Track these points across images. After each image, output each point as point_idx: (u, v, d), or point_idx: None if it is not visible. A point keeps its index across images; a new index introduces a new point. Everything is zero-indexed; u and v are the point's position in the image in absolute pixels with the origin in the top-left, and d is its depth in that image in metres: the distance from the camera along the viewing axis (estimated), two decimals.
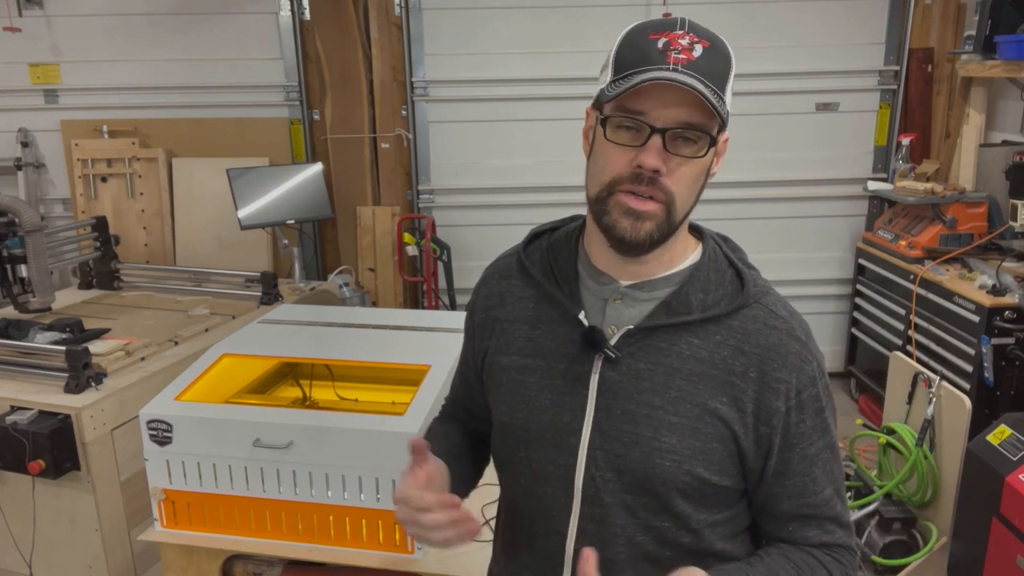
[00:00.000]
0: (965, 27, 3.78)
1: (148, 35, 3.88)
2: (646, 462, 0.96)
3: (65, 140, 3.91)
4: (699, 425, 0.96)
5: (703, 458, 0.96)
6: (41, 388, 2.26)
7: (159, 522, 1.81)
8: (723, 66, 0.92)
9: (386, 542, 1.71)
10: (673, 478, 0.96)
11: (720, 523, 1.01)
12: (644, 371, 0.98)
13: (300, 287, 3.45)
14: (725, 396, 0.96)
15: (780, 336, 0.97)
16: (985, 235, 3.29)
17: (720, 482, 0.97)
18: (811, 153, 4.03)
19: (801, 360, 0.97)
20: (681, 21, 0.93)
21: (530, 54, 3.91)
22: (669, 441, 0.96)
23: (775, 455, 0.98)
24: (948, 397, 2.40)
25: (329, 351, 2.11)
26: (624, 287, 1.01)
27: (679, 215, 0.95)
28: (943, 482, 2.42)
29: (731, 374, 0.96)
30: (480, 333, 1.14)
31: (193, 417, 1.75)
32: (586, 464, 0.99)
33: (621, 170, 0.93)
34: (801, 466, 0.98)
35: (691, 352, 0.97)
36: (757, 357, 0.96)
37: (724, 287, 1.00)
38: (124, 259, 3.44)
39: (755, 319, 0.98)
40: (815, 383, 0.98)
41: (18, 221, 2.71)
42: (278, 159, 3.90)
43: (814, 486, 0.99)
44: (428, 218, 3.86)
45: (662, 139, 0.90)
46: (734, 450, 0.97)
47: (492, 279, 1.16)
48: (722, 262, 1.03)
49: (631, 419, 0.97)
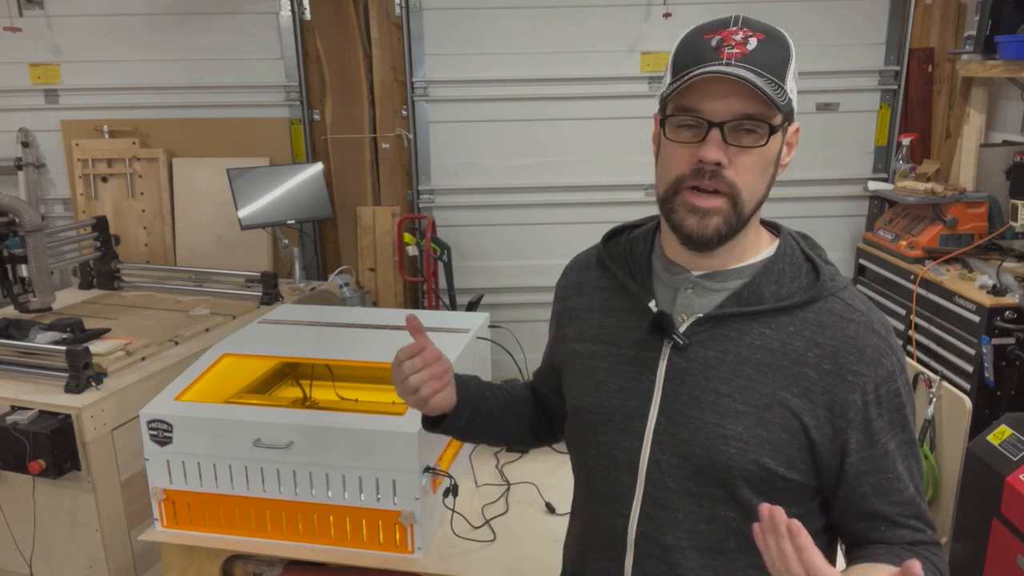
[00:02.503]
0: (965, 27, 3.77)
1: (148, 35, 3.88)
2: (711, 448, 0.97)
3: (65, 140, 3.91)
4: (766, 415, 0.96)
5: (770, 448, 0.96)
6: (41, 388, 2.26)
7: (159, 522, 1.81)
8: (781, 56, 0.94)
9: (386, 542, 1.71)
10: (737, 465, 0.96)
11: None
12: (712, 359, 0.99)
13: (300, 287, 3.45)
14: (796, 387, 0.96)
15: (857, 329, 0.97)
16: (985, 235, 3.28)
17: (789, 475, 0.97)
18: (811, 153, 4.02)
19: (879, 354, 0.96)
20: (735, 18, 0.95)
21: (531, 54, 3.91)
22: (735, 429, 0.96)
23: (854, 452, 0.97)
24: (948, 397, 2.40)
25: (329, 351, 2.11)
26: (695, 276, 1.03)
27: (747, 207, 0.96)
28: (943, 482, 2.42)
29: (803, 365, 0.96)
30: (558, 321, 1.20)
31: (193, 417, 1.75)
32: (651, 448, 1.01)
33: (684, 168, 0.95)
34: (884, 463, 0.98)
35: (762, 342, 0.97)
36: (832, 349, 0.96)
37: (799, 280, 1.00)
38: (124, 259, 3.44)
39: (831, 311, 0.98)
40: (895, 378, 0.97)
41: (19, 221, 2.71)
42: (278, 159, 3.90)
43: (899, 483, 0.99)
44: (428, 218, 3.86)
45: (721, 132, 0.92)
46: (804, 443, 0.96)
47: (572, 271, 1.21)
48: (798, 256, 1.03)
49: (697, 405, 0.98)
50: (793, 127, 0.99)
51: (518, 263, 4.13)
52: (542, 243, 4.09)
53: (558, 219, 4.05)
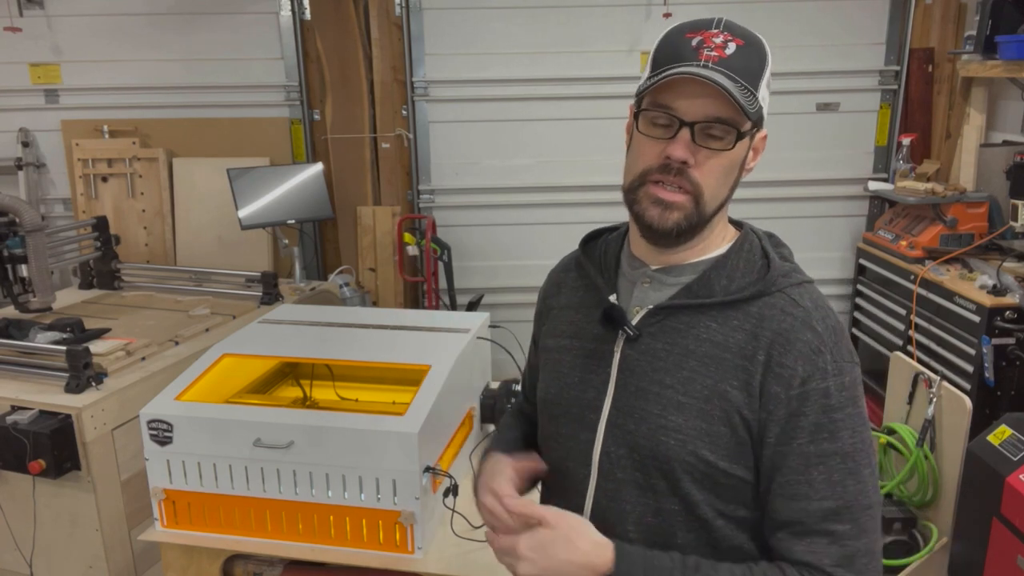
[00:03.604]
0: (966, 27, 3.77)
1: (148, 35, 3.88)
2: (652, 439, 0.98)
3: (65, 140, 3.91)
4: (706, 407, 0.96)
5: (709, 440, 0.96)
6: (42, 388, 2.26)
7: (159, 522, 1.81)
8: (757, 63, 0.94)
9: (386, 542, 1.71)
10: (677, 457, 0.97)
11: (738, 520, 0.99)
12: (660, 351, 1.00)
13: (300, 287, 3.45)
14: (736, 380, 0.96)
15: (793, 323, 0.96)
16: (986, 235, 3.28)
17: (730, 469, 0.96)
18: (812, 153, 4.02)
19: (811, 350, 0.94)
20: (718, 21, 0.96)
21: (531, 54, 3.91)
22: (675, 420, 0.97)
23: (769, 445, 0.95)
24: (948, 397, 2.40)
25: (329, 351, 2.11)
26: (652, 271, 1.05)
27: (709, 207, 0.97)
28: (943, 482, 2.42)
29: (743, 358, 0.97)
30: (539, 320, 1.22)
31: (193, 417, 1.75)
32: (603, 439, 1.03)
33: (651, 161, 0.96)
34: (795, 463, 0.94)
35: (707, 335, 0.99)
36: (767, 341, 0.96)
37: (751, 276, 1.02)
38: (124, 259, 3.44)
39: (773, 306, 0.98)
40: (825, 377, 0.93)
41: (19, 221, 2.71)
42: (278, 159, 3.90)
43: (809, 490, 0.93)
44: (428, 218, 3.86)
45: (691, 132, 0.93)
46: (745, 437, 0.96)
47: (555, 272, 1.24)
48: (756, 253, 1.04)
49: (643, 396, 1.00)
50: (761, 134, 1.00)
51: (518, 263, 4.13)
52: (542, 243, 4.09)
53: (558, 219, 4.05)
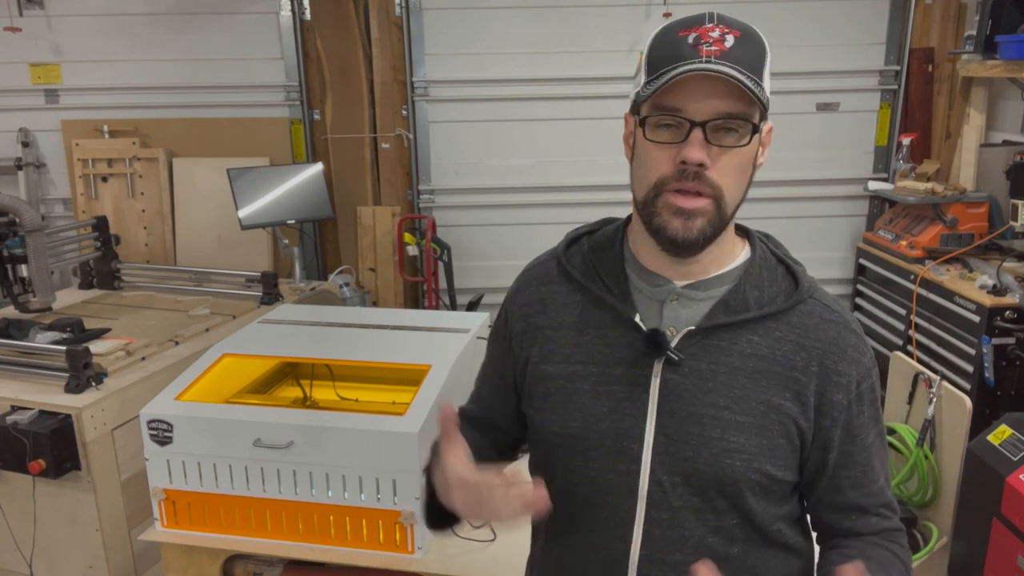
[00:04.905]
0: (966, 27, 3.77)
1: (148, 35, 3.88)
2: (716, 463, 0.96)
3: (65, 140, 3.91)
4: (764, 422, 0.96)
5: (771, 454, 0.97)
6: (42, 388, 2.26)
7: (159, 522, 1.81)
8: (758, 53, 0.92)
9: (386, 542, 1.71)
10: (743, 477, 0.96)
11: (783, 516, 1.03)
12: (707, 371, 0.97)
13: (300, 287, 3.45)
14: (788, 391, 0.97)
15: (839, 330, 0.99)
16: (986, 235, 3.28)
17: (784, 477, 0.99)
18: (811, 153, 4.02)
19: (858, 353, 0.99)
20: (710, 15, 0.93)
21: (531, 54, 3.91)
22: (737, 441, 0.96)
23: (835, 447, 0.99)
24: (948, 397, 2.40)
25: (329, 351, 2.11)
26: (680, 287, 1.00)
27: (729, 208, 0.94)
28: (943, 482, 2.42)
29: (793, 369, 0.97)
30: (520, 342, 1.09)
31: (193, 417, 1.75)
32: (651, 469, 0.98)
33: (665, 169, 0.92)
34: (862, 456, 1.01)
35: (752, 350, 0.97)
36: (818, 351, 0.97)
37: (777, 283, 1.01)
38: (124, 259, 3.44)
39: (811, 314, 0.99)
40: (870, 374, 1.00)
41: (19, 221, 2.71)
42: (278, 159, 3.90)
43: (872, 475, 1.02)
44: (428, 218, 3.86)
45: (703, 132, 0.89)
46: (799, 444, 0.98)
47: (530, 285, 1.13)
48: (771, 259, 1.04)
49: (697, 421, 0.96)
50: (767, 126, 0.96)
51: (518, 263, 4.03)
52: (542, 243, 4.03)
53: (558, 219, 4.04)
